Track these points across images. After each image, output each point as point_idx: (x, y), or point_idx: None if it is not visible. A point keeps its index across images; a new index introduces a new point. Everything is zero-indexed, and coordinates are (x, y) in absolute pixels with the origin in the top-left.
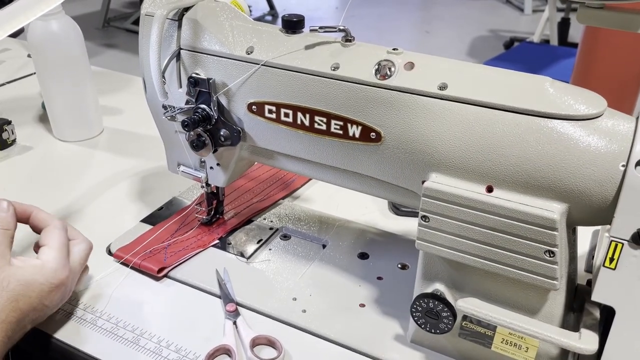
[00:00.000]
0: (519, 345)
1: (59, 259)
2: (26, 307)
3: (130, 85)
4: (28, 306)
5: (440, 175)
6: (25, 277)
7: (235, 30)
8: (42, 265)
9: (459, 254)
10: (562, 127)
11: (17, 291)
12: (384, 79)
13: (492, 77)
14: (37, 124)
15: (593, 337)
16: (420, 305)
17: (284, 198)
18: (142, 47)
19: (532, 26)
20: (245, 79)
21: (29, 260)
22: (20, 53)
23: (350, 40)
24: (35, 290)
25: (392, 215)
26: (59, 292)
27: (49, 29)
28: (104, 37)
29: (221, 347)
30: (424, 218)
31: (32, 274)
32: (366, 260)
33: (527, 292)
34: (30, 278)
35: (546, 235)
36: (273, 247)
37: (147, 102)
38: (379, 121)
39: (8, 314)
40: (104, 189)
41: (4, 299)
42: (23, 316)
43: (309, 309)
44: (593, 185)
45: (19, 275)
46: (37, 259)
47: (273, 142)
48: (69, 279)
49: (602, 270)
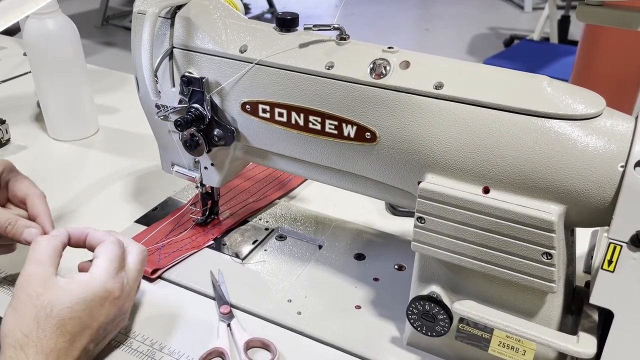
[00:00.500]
0: (516, 348)
1: (109, 270)
2: (76, 329)
3: (126, 84)
4: (78, 327)
5: (436, 176)
6: (71, 299)
7: (229, 29)
8: (90, 280)
9: (455, 256)
10: (560, 127)
11: (63, 315)
12: (379, 78)
13: (489, 76)
14: (31, 123)
15: (591, 341)
16: (417, 308)
17: (280, 198)
18: (134, 46)
19: (532, 24)
20: (238, 78)
21: (77, 277)
22: (16, 51)
23: (345, 39)
24: (83, 310)
25: (389, 215)
26: (113, 306)
27: (44, 27)
28: (102, 35)
29: (214, 350)
30: (419, 219)
31: (78, 293)
32: (362, 261)
33: (524, 295)
34: (76, 298)
35: (543, 237)
36: (268, 248)
37: (140, 101)
38: (374, 121)
39: (56, 340)
40: (99, 189)
41: (49, 326)
42: (75, 338)
43: (304, 311)
44: (591, 187)
45: (64, 298)
46: (85, 274)
47: (267, 142)
48: (121, 290)
49: (601, 273)
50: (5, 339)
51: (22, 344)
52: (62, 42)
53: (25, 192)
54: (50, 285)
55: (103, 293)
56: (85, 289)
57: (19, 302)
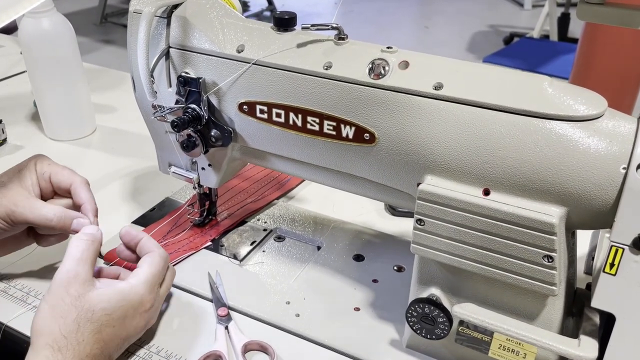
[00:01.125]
0: (517, 352)
1: (149, 283)
2: (109, 337)
3: (124, 83)
4: (111, 335)
5: (435, 177)
6: (111, 305)
7: (226, 28)
8: (129, 290)
9: (455, 259)
10: (561, 129)
11: (102, 321)
12: (378, 78)
13: (488, 77)
14: (28, 122)
15: (592, 344)
16: (416, 311)
17: (279, 198)
18: (130, 46)
19: (532, 21)
20: (235, 78)
21: (115, 284)
22: (12, 50)
23: (344, 39)
24: (119, 318)
25: (388, 215)
26: (142, 319)
27: (39, 26)
28: (101, 33)
29: (212, 353)
30: (419, 221)
31: (117, 300)
32: (361, 263)
33: (524, 298)
34: (116, 305)
35: (544, 239)
36: (267, 249)
37: (137, 101)
38: (373, 122)
39: (92, 346)
40: (96, 189)
41: (88, 330)
42: (106, 347)
43: (302, 313)
44: (593, 189)
45: (104, 303)
46: (125, 282)
47: (265, 142)
48: (152, 304)
49: (602, 275)
50: (41, 337)
51: (60, 345)
52: (57, 41)
53: (68, 181)
54: (91, 288)
55: (138, 305)
56: (124, 298)
57: (57, 299)
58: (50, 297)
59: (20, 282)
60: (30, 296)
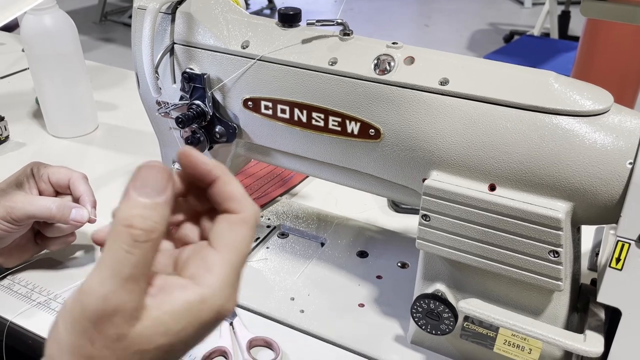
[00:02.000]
0: (522, 347)
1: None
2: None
3: (126, 80)
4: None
5: (441, 173)
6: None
7: (230, 24)
8: (199, 305)
9: (460, 254)
10: (567, 124)
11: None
12: (383, 74)
13: (494, 72)
14: (30, 119)
15: (598, 340)
16: (421, 306)
17: (282, 195)
18: (134, 42)
19: (532, 19)
20: (240, 74)
21: (178, 294)
22: (14, 47)
23: (349, 34)
24: (182, 343)
25: (391, 212)
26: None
27: (41, 23)
28: (101, 32)
29: (217, 349)
30: (424, 217)
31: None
32: (365, 259)
33: (530, 293)
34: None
35: (551, 235)
36: (270, 246)
37: (141, 98)
38: (378, 117)
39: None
40: (98, 186)
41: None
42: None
43: (307, 309)
44: (599, 184)
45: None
46: (194, 289)
47: (270, 139)
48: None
49: (608, 270)
50: None
51: None
52: (60, 38)
53: (66, 177)
54: (141, 319)
55: (215, 321)
56: (193, 320)
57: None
58: (67, 336)
59: (24, 279)
60: (35, 292)
